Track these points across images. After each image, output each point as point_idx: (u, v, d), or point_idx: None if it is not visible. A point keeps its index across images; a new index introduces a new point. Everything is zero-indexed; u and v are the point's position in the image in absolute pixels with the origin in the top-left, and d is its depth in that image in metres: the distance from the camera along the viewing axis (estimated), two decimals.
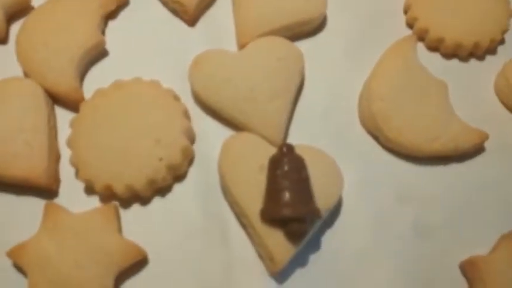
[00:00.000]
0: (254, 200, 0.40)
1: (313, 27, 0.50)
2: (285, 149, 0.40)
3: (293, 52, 0.47)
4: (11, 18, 0.50)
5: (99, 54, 0.49)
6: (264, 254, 0.41)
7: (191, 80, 0.46)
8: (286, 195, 0.38)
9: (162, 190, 0.43)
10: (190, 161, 0.45)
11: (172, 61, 0.48)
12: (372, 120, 0.44)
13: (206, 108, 0.47)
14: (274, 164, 0.40)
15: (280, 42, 0.47)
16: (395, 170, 0.45)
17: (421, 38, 0.50)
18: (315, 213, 0.39)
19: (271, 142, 0.43)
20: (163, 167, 0.41)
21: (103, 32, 0.50)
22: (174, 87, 0.46)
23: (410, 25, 0.51)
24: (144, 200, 0.43)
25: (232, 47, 0.49)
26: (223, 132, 0.45)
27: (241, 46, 0.48)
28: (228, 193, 0.42)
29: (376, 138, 0.46)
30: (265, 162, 0.40)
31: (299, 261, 0.41)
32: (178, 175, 0.44)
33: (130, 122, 0.43)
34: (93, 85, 0.46)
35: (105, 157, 0.41)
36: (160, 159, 0.41)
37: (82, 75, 0.48)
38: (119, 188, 0.41)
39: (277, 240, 0.39)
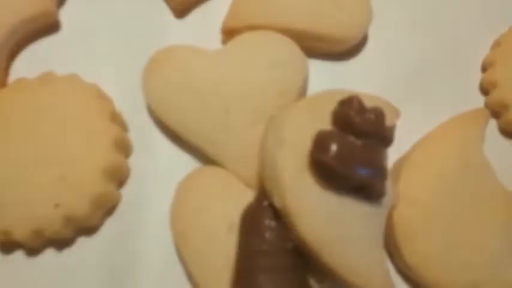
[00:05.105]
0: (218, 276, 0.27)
1: (337, 50, 0.35)
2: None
3: (294, 57, 0.32)
4: None
5: (46, 27, 0.36)
6: None
7: (144, 88, 0.32)
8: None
9: (58, 242, 0.31)
10: (110, 209, 0.32)
11: (138, 57, 0.33)
12: (390, 231, 0.29)
13: (164, 128, 0.33)
14: (250, 221, 0.27)
15: (277, 41, 0.32)
16: None
17: (495, 114, 0.33)
18: None
19: (249, 185, 0.30)
20: (59, 217, 0.29)
21: None
22: (130, 94, 0.34)
23: (484, 90, 0.34)
24: (31, 250, 0.31)
25: None
26: (179, 165, 0.32)
27: (225, 34, 0.34)
28: (184, 263, 0.30)
29: (390, 255, 0.30)
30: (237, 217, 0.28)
31: None
32: (85, 227, 0.31)
33: (37, 139, 0.30)
34: (24, 69, 0.35)
35: None
36: (56, 206, 0.28)
37: (15, 52, 0.35)
38: None
39: None
